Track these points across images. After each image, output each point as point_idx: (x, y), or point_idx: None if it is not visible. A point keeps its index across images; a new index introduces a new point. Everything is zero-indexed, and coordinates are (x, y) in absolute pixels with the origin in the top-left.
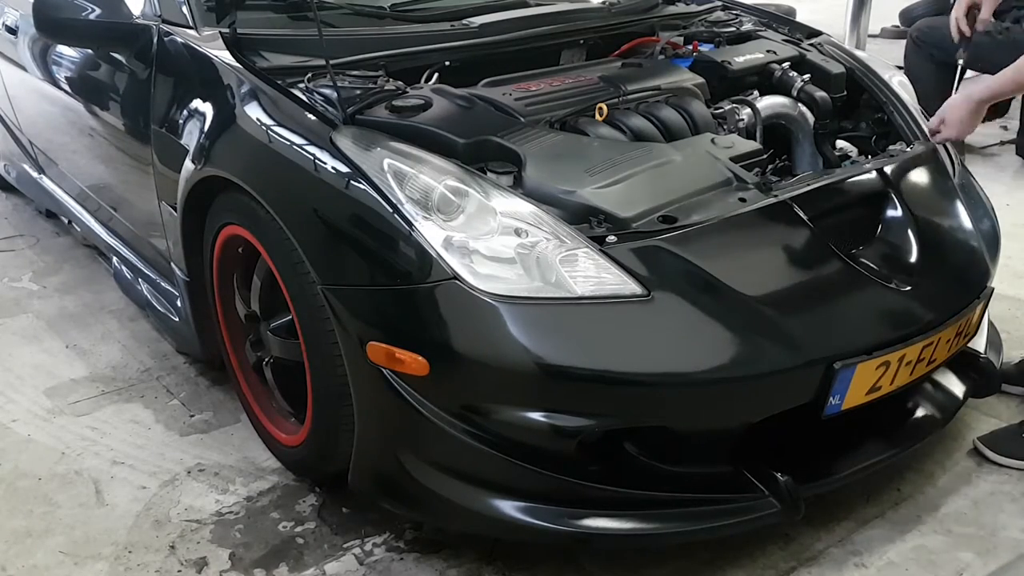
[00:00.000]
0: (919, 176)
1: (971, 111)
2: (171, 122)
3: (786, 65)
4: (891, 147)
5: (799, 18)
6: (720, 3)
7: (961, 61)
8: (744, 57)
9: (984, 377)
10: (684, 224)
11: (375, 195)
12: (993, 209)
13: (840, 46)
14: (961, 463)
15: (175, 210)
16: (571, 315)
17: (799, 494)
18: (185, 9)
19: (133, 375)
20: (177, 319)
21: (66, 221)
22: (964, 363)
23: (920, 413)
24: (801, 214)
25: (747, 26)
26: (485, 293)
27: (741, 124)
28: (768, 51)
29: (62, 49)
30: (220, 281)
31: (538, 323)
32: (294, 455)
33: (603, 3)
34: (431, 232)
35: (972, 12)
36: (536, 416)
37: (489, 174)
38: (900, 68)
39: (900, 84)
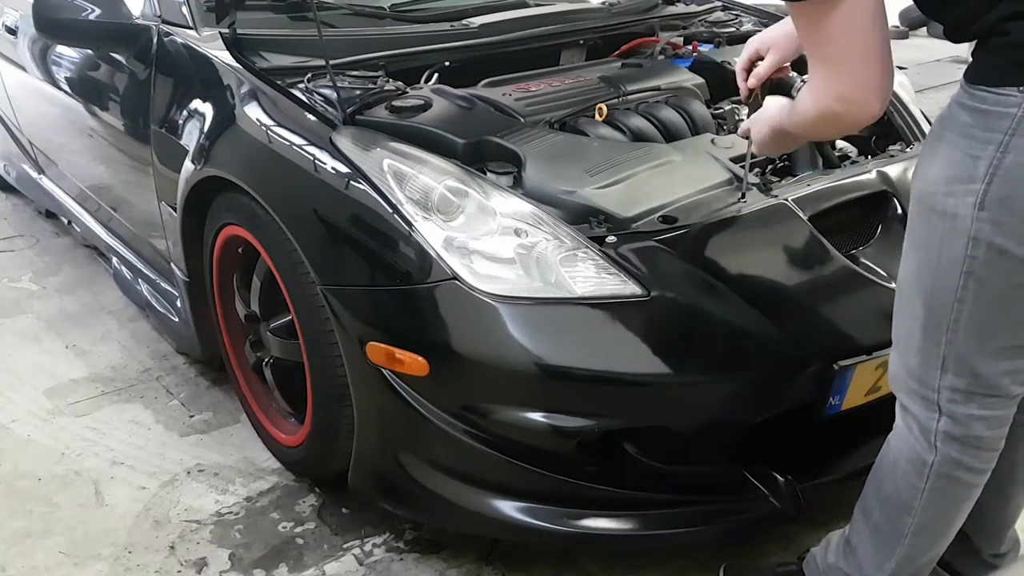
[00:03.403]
0: None
1: (770, 135)
2: (171, 122)
3: (786, 65)
4: (891, 147)
5: None
6: (720, 3)
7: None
8: None
9: None
10: (684, 224)
11: (375, 195)
12: None
13: None
14: None
15: (175, 210)
16: (571, 315)
17: (799, 494)
18: (185, 9)
19: (133, 375)
20: (177, 319)
21: (66, 221)
22: None
23: None
24: (801, 214)
25: (747, 26)
26: (485, 293)
27: (741, 124)
28: None
29: (62, 49)
30: (220, 281)
31: (538, 323)
32: (294, 455)
33: (603, 3)
34: (431, 232)
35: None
36: (536, 416)
37: (489, 174)
38: (900, 68)
39: (900, 84)
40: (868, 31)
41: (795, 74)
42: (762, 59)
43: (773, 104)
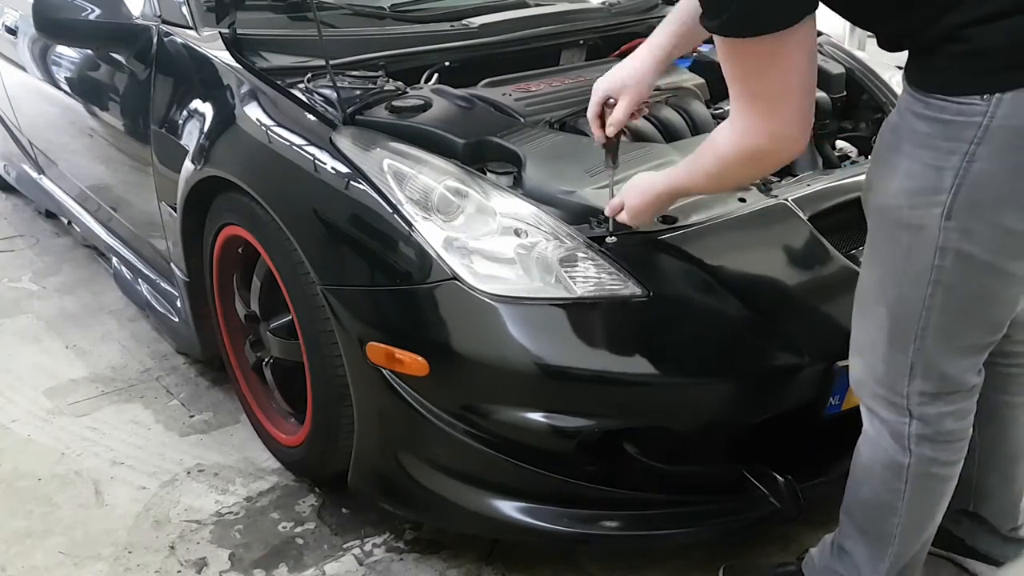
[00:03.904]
0: None
1: (650, 202)
2: (171, 122)
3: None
4: None
5: None
6: None
7: (608, 182)
8: None
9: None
10: (684, 224)
11: (375, 195)
12: None
13: (840, 46)
14: None
15: (175, 210)
16: (571, 315)
17: (799, 494)
18: (185, 9)
19: (133, 375)
20: (177, 319)
21: (66, 221)
22: None
23: None
24: (801, 214)
25: None
26: (485, 293)
27: None
28: None
29: (62, 49)
30: (220, 281)
31: (538, 323)
32: (294, 455)
33: (603, 3)
34: (431, 232)
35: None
36: (536, 416)
37: (489, 174)
38: (900, 68)
39: (900, 84)
40: (814, 61)
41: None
42: (613, 104)
43: (644, 173)
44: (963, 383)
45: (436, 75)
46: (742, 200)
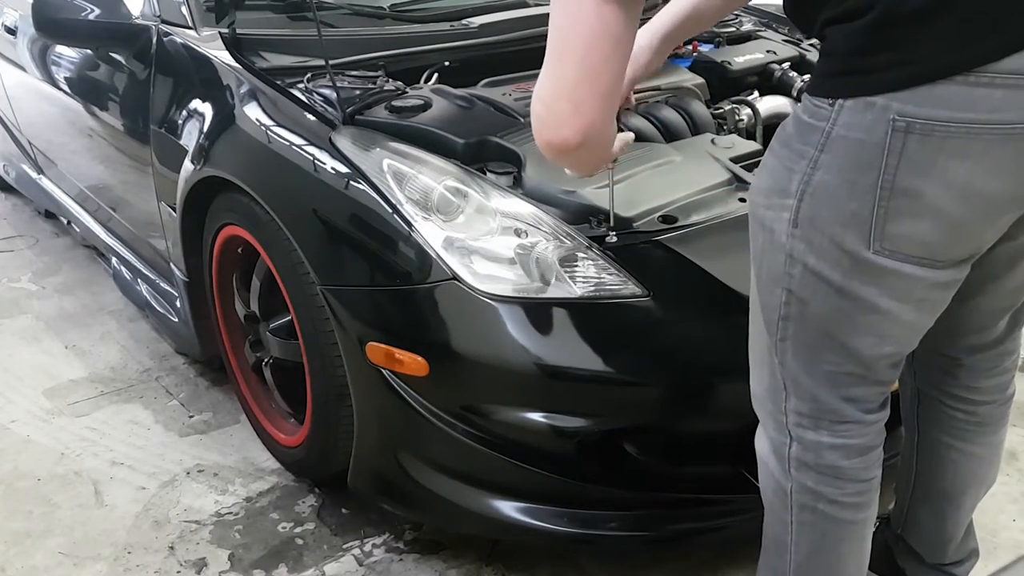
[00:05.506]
0: None
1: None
2: (170, 122)
3: (786, 65)
4: None
5: None
6: None
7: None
8: (744, 57)
9: None
10: (684, 224)
11: (375, 195)
12: None
13: None
14: None
15: (174, 210)
16: (571, 315)
17: None
18: (184, 9)
19: (132, 376)
20: (176, 320)
21: (65, 222)
22: None
23: None
24: None
25: (747, 26)
26: (484, 294)
27: (741, 124)
28: (768, 51)
29: (62, 49)
30: (219, 282)
31: (538, 324)
32: (293, 456)
33: None
34: (431, 232)
35: None
36: (536, 417)
37: (489, 174)
38: None
39: None
40: (598, 50)
41: (795, 73)
42: None
43: None
44: (841, 413)
45: (436, 75)
46: (742, 200)
